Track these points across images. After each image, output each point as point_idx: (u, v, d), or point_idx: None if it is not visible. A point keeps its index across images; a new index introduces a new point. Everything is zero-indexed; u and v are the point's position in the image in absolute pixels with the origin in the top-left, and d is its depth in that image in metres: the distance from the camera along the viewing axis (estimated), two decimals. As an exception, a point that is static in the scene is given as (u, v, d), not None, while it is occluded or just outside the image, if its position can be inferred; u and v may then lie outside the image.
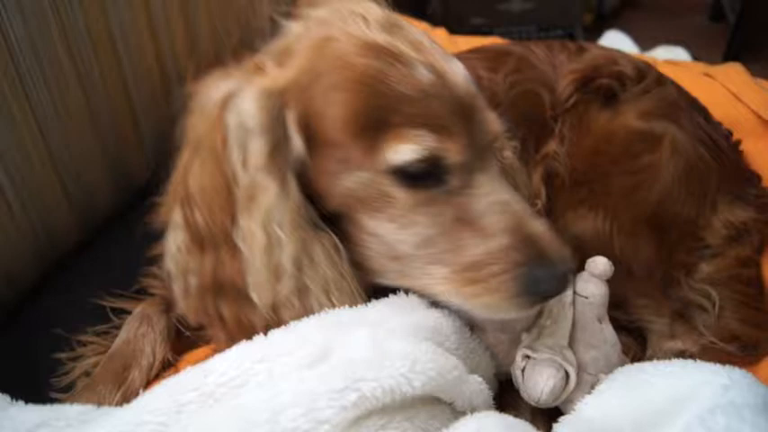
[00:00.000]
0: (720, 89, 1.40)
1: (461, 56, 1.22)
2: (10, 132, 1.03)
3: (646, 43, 2.38)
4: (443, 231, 0.75)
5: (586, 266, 0.84)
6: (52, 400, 0.91)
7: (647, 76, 1.16)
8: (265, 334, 0.73)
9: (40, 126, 1.08)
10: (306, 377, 0.63)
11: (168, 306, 0.97)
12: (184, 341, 0.97)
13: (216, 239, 0.76)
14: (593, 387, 0.78)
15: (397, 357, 0.66)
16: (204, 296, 0.79)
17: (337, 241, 0.78)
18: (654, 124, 1.07)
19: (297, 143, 0.75)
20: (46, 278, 1.11)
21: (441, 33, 1.80)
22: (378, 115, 0.72)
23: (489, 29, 2.46)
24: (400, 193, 0.74)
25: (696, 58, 2.14)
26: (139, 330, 0.95)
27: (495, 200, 0.76)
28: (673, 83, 1.19)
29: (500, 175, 0.80)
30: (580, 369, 0.79)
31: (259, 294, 0.75)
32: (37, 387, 0.92)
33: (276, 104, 0.75)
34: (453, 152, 0.73)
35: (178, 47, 1.35)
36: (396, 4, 2.55)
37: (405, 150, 0.72)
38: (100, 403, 0.86)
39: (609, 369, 0.81)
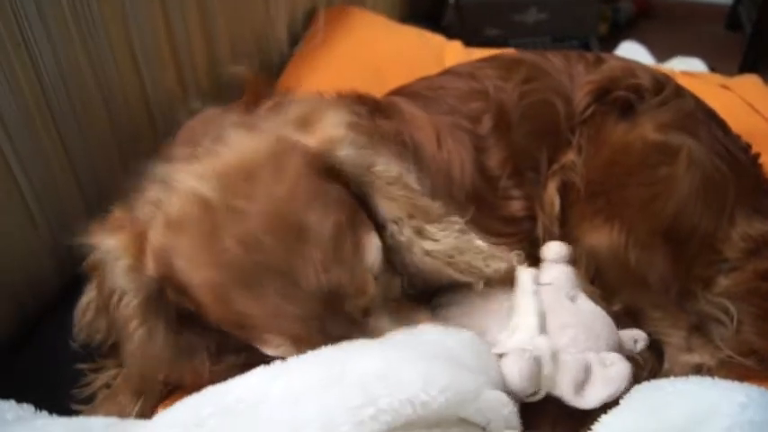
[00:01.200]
0: (738, 101, 1.40)
1: (474, 64, 1.23)
2: (34, 146, 1.06)
3: (662, 53, 2.37)
4: None
5: (542, 255, 0.85)
6: (73, 411, 0.92)
7: (665, 87, 1.15)
8: None
9: (62, 140, 1.11)
10: (323, 395, 0.64)
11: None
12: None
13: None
14: (588, 368, 0.79)
15: (412, 370, 0.66)
16: None
17: None
18: (671, 136, 1.07)
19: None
20: (68, 290, 1.12)
21: (456, 46, 1.81)
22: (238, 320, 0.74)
23: (504, 40, 2.47)
24: None
25: (713, 68, 2.14)
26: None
27: None
28: (691, 95, 1.19)
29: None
30: (559, 352, 0.79)
31: None
32: (58, 397, 0.93)
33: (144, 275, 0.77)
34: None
35: (198, 62, 1.37)
36: (411, 15, 2.58)
37: (272, 351, 0.75)
38: (120, 414, 0.88)
39: (597, 342, 0.81)
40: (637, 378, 0.82)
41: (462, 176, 1.04)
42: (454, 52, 1.76)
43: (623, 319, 1.01)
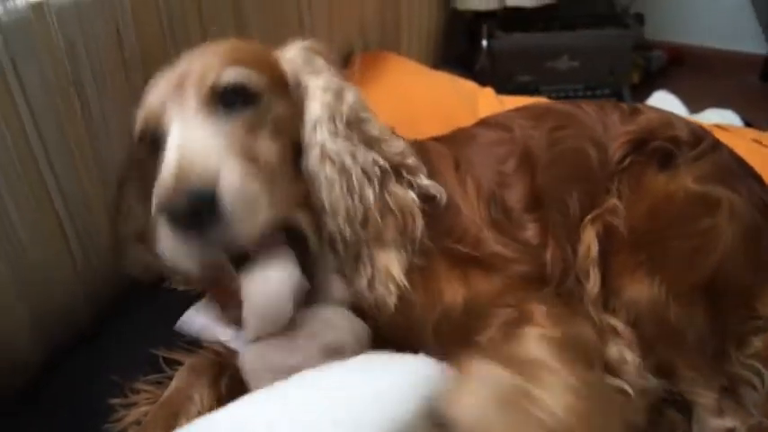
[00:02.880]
0: (772, 157, 1.38)
1: (505, 114, 1.26)
2: (76, 180, 1.10)
3: (695, 104, 2.36)
4: None
5: None
6: (103, 446, 0.94)
7: (703, 140, 1.15)
8: None
9: (102, 176, 1.14)
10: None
11: (219, 357, 0.99)
12: (232, 390, 0.99)
13: None
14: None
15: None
16: None
17: None
18: (711, 188, 1.06)
19: None
20: (102, 323, 1.14)
21: (489, 93, 1.84)
22: None
23: (536, 87, 2.49)
24: None
25: (747, 122, 2.12)
26: (188, 380, 0.97)
27: None
28: (727, 148, 1.19)
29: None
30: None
31: None
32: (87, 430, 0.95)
33: None
34: None
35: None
36: (444, 61, 2.61)
37: None
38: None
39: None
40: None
41: (478, 199, 1.05)
42: (487, 99, 1.78)
43: (655, 374, 1.00)
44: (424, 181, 0.98)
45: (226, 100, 0.87)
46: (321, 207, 0.92)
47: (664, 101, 2.37)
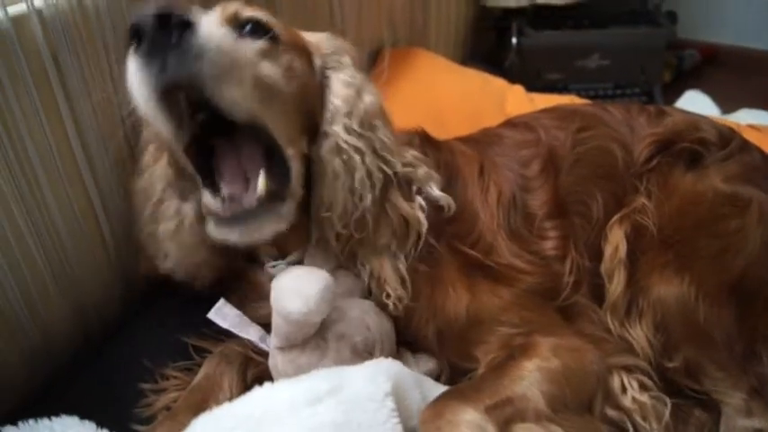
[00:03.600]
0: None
1: (531, 115, 1.27)
2: (114, 181, 1.13)
3: (727, 104, 2.33)
4: None
5: None
6: (133, 431, 0.96)
7: (731, 141, 1.15)
8: None
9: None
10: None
11: (247, 347, 1.01)
12: (260, 380, 1.01)
13: None
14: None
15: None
16: None
17: None
18: (740, 188, 1.06)
19: None
20: (131, 313, 1.17)
21: (518, 91, 1.83)
22: None
23: (565, 85, 2.47)
24: None
25: (782, 121, 2.08)
26: (218, 368, 0.99)
27: None
28: (757, 149, 1.18)
29: None
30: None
31: None
32: (119, 416, 0.97)
33: None
34: None
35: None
36: (473, 57, 2.59)
37: None
38: (180, 433, 0.91)
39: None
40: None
41: (498, 206, 1.06)
42: (516, 97, 1.78)
43: (681, 375, 1.00)
44: (434, 192, 0.99)
45: (244, 30, 0.87)
46: (320, 199, 0.93)
47: (695, 100, 2.34)
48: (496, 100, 1.74)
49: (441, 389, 0.89)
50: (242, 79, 0.78)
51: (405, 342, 1.00)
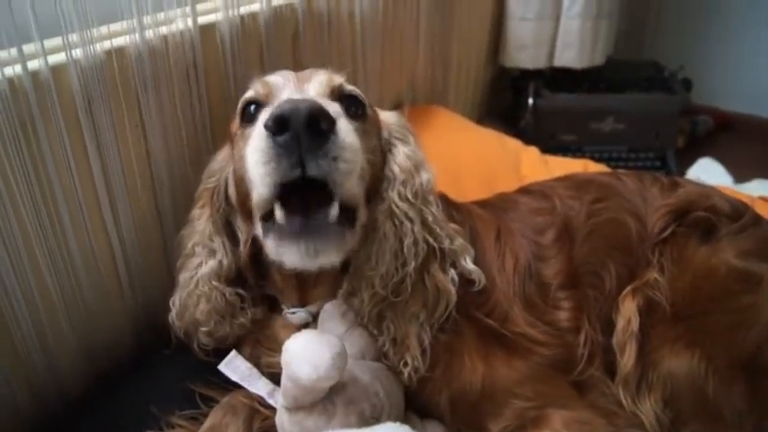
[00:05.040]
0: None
1: (546, 183, 1.29)
2: (133, 216, 1.15)
3: (741, 172, 2.34)
4: None
5: None
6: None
7: (743, 214, 1.16)
8: None
9: (160, 215, 1.19)
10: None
11: (254, 399, 1.01)
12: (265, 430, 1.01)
13: None
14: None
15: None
16: None
17: None
18: (753, 264, 1.06)
19: None
20: (144, 356, 1.18)
21: (533, 152, 1.86)
22: None
23: (579, 146, 2.50)
24: None
25: (796, 193, 2.08)
26: (224, 419, 0.99)
27: None
28: (768, 223, 1.19)
29: None
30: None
31: None
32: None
33: None
34: None
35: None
36: (489, 117, 2.62)
37: None
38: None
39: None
40: None
41: (514, 274, 1.07)
42: (531, 159, 1.80)
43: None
44: (468, 265, 1.02)
45: (346, 104, 0.94)
46: (366, 255, 0.96)
47: (708, 168, 2.35)
48: (512, 161, 1.77)
49: None
50: (359, 169, 0.86)
51: (414, 407, 0.99)
